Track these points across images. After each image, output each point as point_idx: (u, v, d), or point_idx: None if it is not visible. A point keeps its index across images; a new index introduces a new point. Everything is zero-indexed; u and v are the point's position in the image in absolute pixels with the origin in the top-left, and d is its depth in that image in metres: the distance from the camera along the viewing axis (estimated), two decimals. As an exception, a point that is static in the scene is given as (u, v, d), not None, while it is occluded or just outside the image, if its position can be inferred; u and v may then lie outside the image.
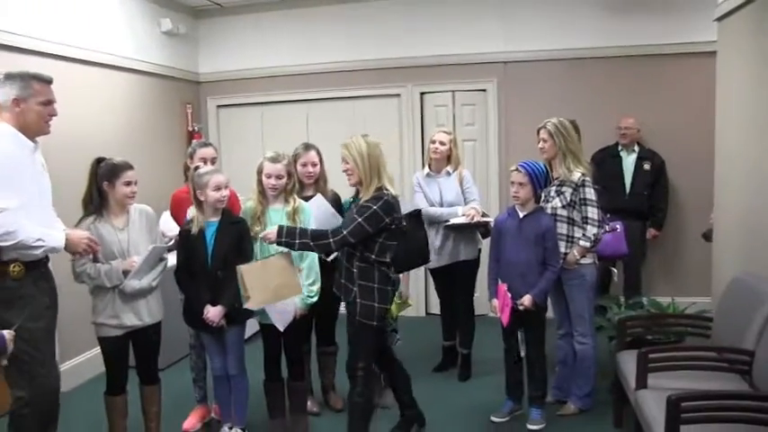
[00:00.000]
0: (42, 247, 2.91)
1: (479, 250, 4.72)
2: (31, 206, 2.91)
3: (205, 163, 3.87)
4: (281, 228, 3.32)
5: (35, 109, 2.93)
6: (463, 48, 6.25)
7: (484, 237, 4.65)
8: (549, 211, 3.93)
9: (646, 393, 3.15)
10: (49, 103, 2.99)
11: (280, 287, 3.40)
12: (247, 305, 3.40)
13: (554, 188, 3.98)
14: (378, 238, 3.30)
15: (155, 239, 3.51)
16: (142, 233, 3.44)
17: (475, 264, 4.73)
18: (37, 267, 2.97)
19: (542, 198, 3.97)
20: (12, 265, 2.86)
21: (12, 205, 2.77)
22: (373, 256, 3.32)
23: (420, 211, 4.09)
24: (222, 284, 3.51)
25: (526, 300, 3.75)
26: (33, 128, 2.96)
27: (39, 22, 4.57)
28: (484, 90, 6.32)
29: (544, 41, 6.12)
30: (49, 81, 3.00)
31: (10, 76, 2.92)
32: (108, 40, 5.35)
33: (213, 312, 3.50)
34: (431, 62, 6.32)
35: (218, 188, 3.50)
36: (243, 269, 3.36)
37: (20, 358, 2.81)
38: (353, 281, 3.36)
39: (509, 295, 3.78)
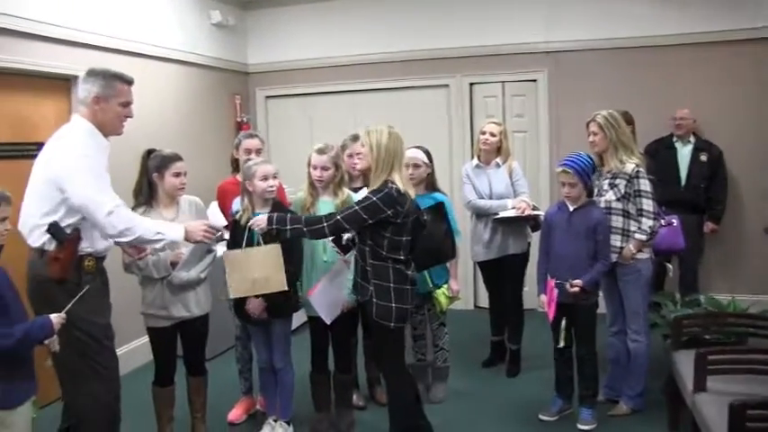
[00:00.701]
0: (162, 239, 2.91)
1: (528, 244, 4.62)
2: None
3: (250, 154, 3.86)
4: (271, 215, 3.23)
5: (115, 109, 2.89)
6: (513, 37, 6.13)
7: (533, 230, 4.55)
8: (602, 204, 3.82)
9: (704, 397, 3.03)
10: (128, 104, 2.94)
11: (261, 280, 3.32)
12: (229, 293, 3.38)
13: (607, 181, 3.86)
14: (384, 232, 3.16)
15: (204, 231, 3.50)
16: (192, 224, 3.44)
17: (524, 258, 4.64)
18: (102, 262, 2.96)
19: (595, 192, 3.87)
20: (86, 259, 2.84)
21: (120, 201, 2.77)
22: (384, 252, 3.18)
23: (442, 203, 3.83)
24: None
25: (576, 282, 3.65)
26: (109, 127, 2.92)
27: (90, 16, 4.63)
28: (534, 81, 6.19)
29: (595, 30, 5.94)
30: (130, 82, 2.96)
31: (93, 73, 2.88)
32: (159, 32, 5.41)
33: (253, 304, 3.49)
34: (480, 52, 6.21)
35: (265, 178, 3.45)
36: (224, 254, 3.32)
37: (87, 354, 2.82)
38: (369, 280, 3.22)
39: (556, 291, 3.70)
